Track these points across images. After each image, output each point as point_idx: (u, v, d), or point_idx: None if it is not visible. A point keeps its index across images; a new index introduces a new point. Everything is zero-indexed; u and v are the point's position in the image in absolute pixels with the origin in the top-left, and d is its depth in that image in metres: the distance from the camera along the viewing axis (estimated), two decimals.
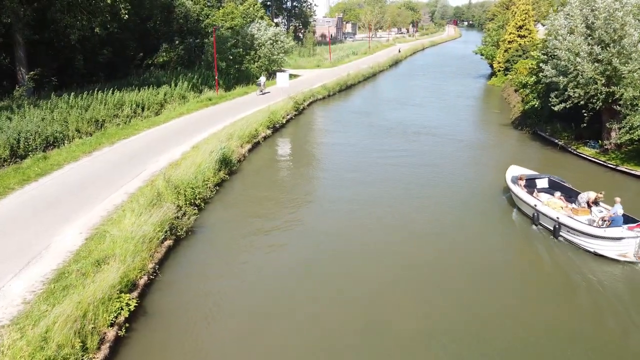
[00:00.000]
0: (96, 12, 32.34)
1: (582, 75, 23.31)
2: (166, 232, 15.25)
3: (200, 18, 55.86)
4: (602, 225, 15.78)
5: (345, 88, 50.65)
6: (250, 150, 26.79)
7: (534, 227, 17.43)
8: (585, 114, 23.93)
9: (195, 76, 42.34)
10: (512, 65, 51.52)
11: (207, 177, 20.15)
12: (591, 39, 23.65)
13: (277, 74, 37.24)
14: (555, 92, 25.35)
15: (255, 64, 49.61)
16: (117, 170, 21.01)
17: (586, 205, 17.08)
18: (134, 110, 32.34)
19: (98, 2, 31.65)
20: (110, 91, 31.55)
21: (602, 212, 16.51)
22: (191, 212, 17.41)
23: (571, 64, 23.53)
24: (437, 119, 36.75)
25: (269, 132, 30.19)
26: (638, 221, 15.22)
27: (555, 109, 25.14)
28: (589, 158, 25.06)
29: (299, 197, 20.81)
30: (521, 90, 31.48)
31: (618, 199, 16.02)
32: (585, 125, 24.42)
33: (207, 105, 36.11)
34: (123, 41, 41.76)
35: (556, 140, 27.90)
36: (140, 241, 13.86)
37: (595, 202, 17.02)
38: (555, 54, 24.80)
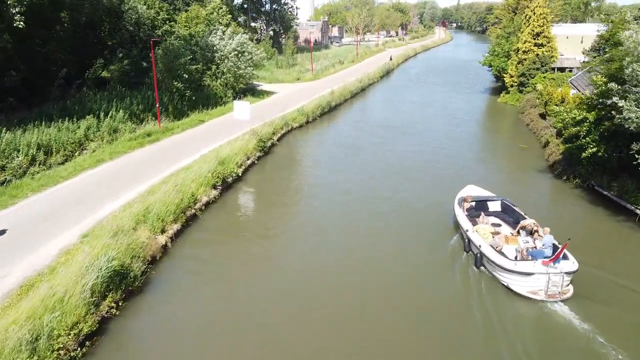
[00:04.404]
0: None
1: None
2: None
3: (156, 24, 46.70)
4: (525, 257, 14.23)
5: (329, 110, 41.44)
6: (179, 233, 17.59)
7: (464, 254, 15.93)
8: None
9: (137, 100, 33.07)
10: (528, 79, 43.20)
11: (67, 325, 11.12)
12: None
13: (235, 102, 27.97)
14: None
15: (218, 80, 40.46)
16: None
17: (522, 233, 15.62)
18: (34, 157, 23.17)
19: None
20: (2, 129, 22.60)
21: (527, 242, 15.06)
22: None
23: None
24: (446, 160, 27.78)
25: (214, 193, 20.91)
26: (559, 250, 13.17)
27: None
28: None
29: (246, 349, 11.85)
30: (571, 128, 22.57)
31: (547, 229, 14.63)
32: None
33: (143, 145, 26.83)
34: (47, 55, 32.55)
35: (632, 207, 19.05)
36: None
37: (531, 232, 15.43)
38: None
